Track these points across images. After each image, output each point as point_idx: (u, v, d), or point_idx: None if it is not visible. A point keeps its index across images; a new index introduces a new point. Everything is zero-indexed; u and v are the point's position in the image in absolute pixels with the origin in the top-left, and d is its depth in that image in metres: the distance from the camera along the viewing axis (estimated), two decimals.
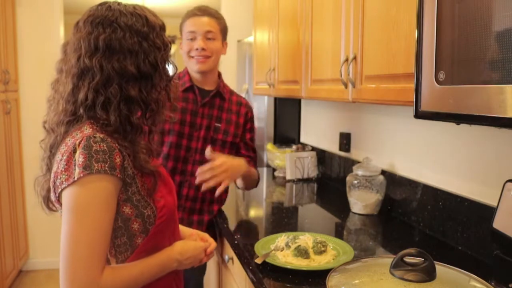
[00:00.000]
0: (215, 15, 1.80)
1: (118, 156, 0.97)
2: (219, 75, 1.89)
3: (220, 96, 1.85)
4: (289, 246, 1.37)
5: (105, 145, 0.96)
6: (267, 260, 1.31)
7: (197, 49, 1.75)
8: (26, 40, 3.54)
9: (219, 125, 1.81)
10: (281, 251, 1.37)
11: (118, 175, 0.96)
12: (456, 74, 0.90)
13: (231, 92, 1.92)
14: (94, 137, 0.97)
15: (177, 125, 1.76)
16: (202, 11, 1.79)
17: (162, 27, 1.10)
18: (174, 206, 1.15)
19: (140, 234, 1.06)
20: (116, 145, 0.99)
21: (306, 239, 1.39)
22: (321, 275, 1.16)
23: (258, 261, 1.31)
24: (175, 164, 1.76)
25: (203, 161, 1.70)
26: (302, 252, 1.32)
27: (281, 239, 1.42)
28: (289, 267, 1.28)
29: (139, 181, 1.02)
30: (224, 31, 1.84)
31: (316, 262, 1.30)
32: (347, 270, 0.95)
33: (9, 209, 3.20)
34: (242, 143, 1.89)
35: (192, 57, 1.77)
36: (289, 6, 2.18)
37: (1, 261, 2.98)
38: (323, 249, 1.35)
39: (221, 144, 1.81)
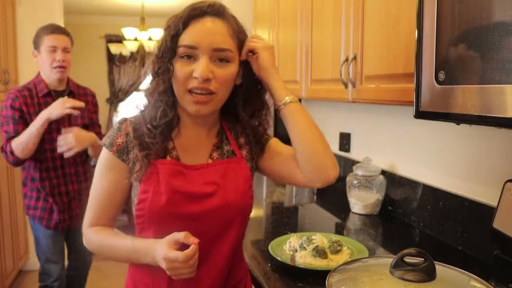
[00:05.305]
0: (68, 33, 2.27)
1: (121, 137, 1.06)
2: None
3: (71, 92, 2.30)
4: (305, 248, 1.36)
5: (118, 125, 1.08)
6: (289, 262, 1.30)
7: (58, 60, 2.19)
8: (26, 40, 3.53)
9: (76, 113, 2.16)
10: (296, 252, 1.36)
11: (113, 152, 1.06)
12: (456, 74, 0.90)
13: (78, 86, 2.39)
14: (123, 118, 1.10)
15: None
16: (59, 29, 2.25)
17: None
18: (163, 209, 1.04)
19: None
20: (130, 130, 1.06)
21: (321, 239, 1.39)
22: None
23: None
24: (53, 154, 2.21)
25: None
26: (320, 253, 1.32)
27: (294, 239, 1.41)
28: (309, 267, 1.26)
29: (137, 168, 1.05)
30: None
31: (335, 262, 1.30)
32: (347, 270, 0.95)
33: (9, 209, 3.20)
34: (91, 121, 2.36)
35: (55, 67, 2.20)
36: (289, 6, 2.18)
37: (1, 261, 2.98)
38: (338, 248, 1.35)
39: (82, 127, 2.26)
